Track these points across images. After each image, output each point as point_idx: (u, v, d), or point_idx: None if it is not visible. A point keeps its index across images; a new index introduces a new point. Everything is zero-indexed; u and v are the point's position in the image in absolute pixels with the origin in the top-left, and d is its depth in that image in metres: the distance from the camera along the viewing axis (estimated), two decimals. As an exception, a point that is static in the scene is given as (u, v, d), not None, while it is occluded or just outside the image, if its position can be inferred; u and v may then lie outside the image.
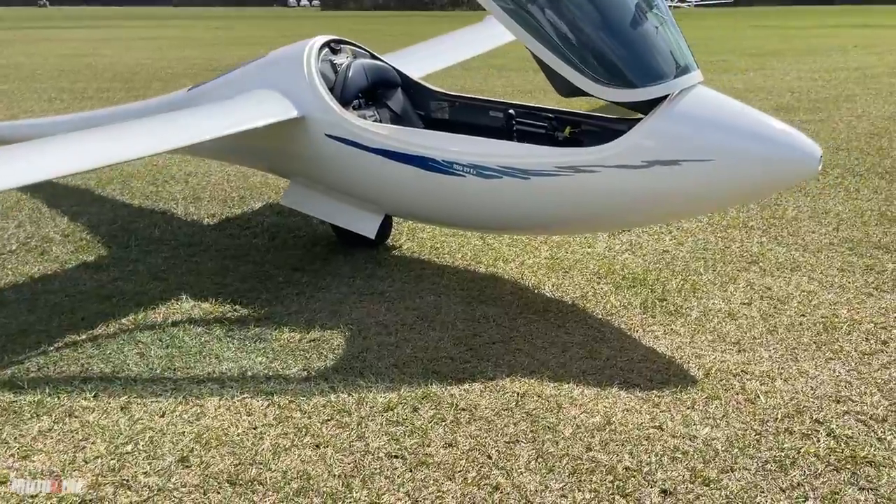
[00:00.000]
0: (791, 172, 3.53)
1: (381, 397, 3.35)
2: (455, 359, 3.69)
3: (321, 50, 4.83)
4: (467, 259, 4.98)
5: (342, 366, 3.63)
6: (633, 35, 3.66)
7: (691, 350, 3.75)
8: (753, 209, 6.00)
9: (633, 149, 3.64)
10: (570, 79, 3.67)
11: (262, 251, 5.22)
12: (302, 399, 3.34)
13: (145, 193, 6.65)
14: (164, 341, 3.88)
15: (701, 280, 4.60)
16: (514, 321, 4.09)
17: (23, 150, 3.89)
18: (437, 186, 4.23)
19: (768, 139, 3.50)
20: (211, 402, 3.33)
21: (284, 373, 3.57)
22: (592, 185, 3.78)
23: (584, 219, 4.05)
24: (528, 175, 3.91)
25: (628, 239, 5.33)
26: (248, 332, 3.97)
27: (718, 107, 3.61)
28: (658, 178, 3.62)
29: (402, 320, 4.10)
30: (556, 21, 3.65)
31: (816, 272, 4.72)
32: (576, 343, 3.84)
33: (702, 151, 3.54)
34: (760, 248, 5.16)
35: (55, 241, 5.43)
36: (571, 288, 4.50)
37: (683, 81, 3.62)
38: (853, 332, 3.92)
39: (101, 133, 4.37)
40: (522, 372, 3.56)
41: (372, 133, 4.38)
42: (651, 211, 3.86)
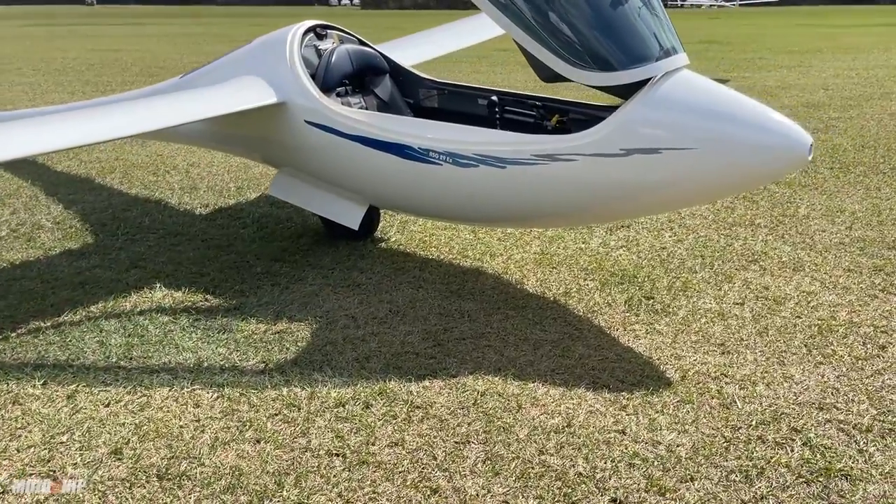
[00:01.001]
0: (779, 162, 3.29)
1: (335, 392, 3.20)
2: (420, 354, 3.52)
3: (305, 35, 4.71)
4: (454, 252, 4.81)
5: (302, 359, 3.49)
6: (611, 15, 3.45)
7: (671, 351, 3.54)
8: (763, 206, 5.73)
9: (610, 136, 3.44)
10: (545, 61, 3.48)
11: (248, 241, 5.11)
12: (253, 392, 3.21)
13: (144, 183, 6.60)
14: (127, 330, 3.78)
15: (695, 278, 4.37)
16: (490, 317, 3.91)
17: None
18: (415, 175, 4.07)
19: (754, 126, 3.27)
20: (159, 393, 3.21)
21: (241, 365, 3.45)
22: (570, 175, 3.58)
23: (562, 210, 3.85)
24: (504, 163, 3.73)
25: (626, 235, 5.11)
26: (214, 323, 3.85)
27: (702, 92, 3.39)
28: (637, 167, 3.42)
29: (374, 314, 3.95)
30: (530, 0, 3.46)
31: (820, 272, 4.45)
32: (549, 341, 3.65)
33: (683, 139, 3.32)
34: (764, 246, 4.90)
35: (45, 229, 5.39)
36: (556, 284, 4.31)
37: (665, 65, 3.40)
38: (850, 335, 3.67)
39: (76, 114, 4.35)
40: (488, 369, 3.38)
41: (349, 119, 4.24)
42: (631, 202, 3.64)
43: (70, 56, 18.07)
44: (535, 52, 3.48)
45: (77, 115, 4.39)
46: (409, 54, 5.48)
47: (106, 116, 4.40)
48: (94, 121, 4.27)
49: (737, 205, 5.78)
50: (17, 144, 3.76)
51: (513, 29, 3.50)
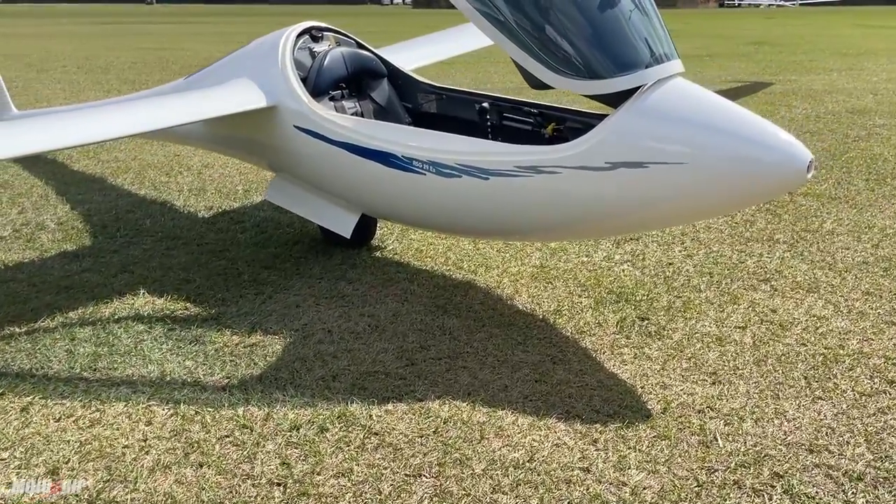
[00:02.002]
0: (775, 179, 3.03)
1: (293, 414, 3.05)
2: (390, 374, 3.35)
3: (299, 37, 4.58)
4: (449, 264, 4.62)
5: (267, 375, 3.36)
6: (597, 20, 3.22)
7: (658, 379, 3.30)
8: (786, 220, 5.41)
9: (595, 148, 3.22)
10: (528, 69, 3.28)
11: (242, 247, 5.01)
12: (209, 411, 3.08)
13: (155, 184, 6.57)
14: (99, 338, 3.69)
15: (697, 298, 4.11)
16: (472, 335, 3.72)
17: None
18: (399, 184, 3.90)
19: (749, 140, 3.01)
20: (114, 409, 3.11)
21: (204, 380, 3.33)
22: (553, 188, 3.37)
23: (546, 224, 3.64)
24: (487, 175, 3.53)
25: (633, 248, 4.86)
26: (189, 333, 3.74)
27: (693, 102, 3.14)
28: (623, 182, 3.19)
29: (352, 328, 3.80)
30: (511, 2, 3.25)
31: (836, 294, 4.14)
32: (529, 363, 3.44)
33: (672, 153, 3.08)
34: (780, 264, 4.60)
35: (47, 229, 5.38)
36: (548, 300, 4.09)
37: (656, 72, 3.16)
38: (857, 367, 3.38)
39: (67, 116, 4.34)
40: (457, 393, 3.19)
41: (336, 125, 4.10)
42: (617, 219, 3.41)
43: (115, 55, 18.39)
44: (519, 59, 3.28)
45: (68, 116, 4.37)
46: (413, 57, 5.32)
47: (96, 119, 4.35)
48: (84, 123, 4.24)
49: (757, 218, 5.47)
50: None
51: (495, 34, 3.30)
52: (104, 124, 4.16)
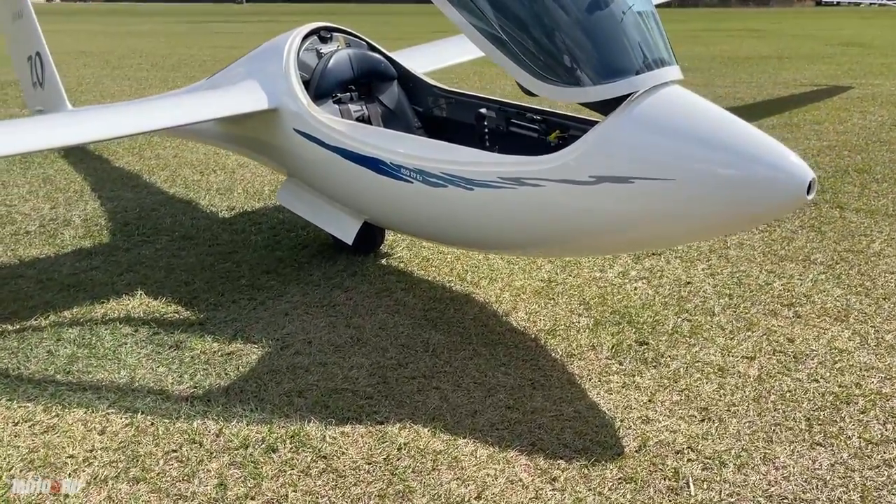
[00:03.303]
0: (771, 200, 2.74)
1: (247, 430, 2.94)
2: (358, 393, 3.20)
3: (307, 38, 4.48)
4: (453, 275, 4.44)
5: (234, 387, 3.26)
6: (583, 22, 2.97)
7: (642, 412, 3.04)
8: (830, 237, 4.99)
9: (579, 161, 2.98)
10: (510, 73, 3.07)
11: (251, 249, 4.95)
12: (165, 422, 3.00)
13: (187, 182, 6.61)
14: (83, 340, 3.68)
15: (709, 323, 3.80)
16: (455, 353, 3.53)
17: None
18: (388, 192, 3.75)
19: (741, 156, 2.73)
20: (73, 415, 3.06)
21: (171, 388, 3.25)
22: (537, 202, 3.15)
23: (531, 240, 3.42)
24: (471, 185, 3.34)
25: (652, 265, 4.56)
26: (171, 338, 3.69)
27: (685, 113, 2.86)
28: (607, 197, 2.95)
29: (334, 340, 3.67)
30: (492, 2, 3.04)
31: (867, 325, 3.77)
32: (507, 387, 3.23)
33: (659, 168, 2.82)
34: (811, 287, 4.22)
35: (72, 225, 5.45)
36: (545, 318, 3.86)
37: (648, 79, 2.90)
38: (871, 409, 3.03)
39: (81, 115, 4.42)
40: (422, 417, 3.02)
41: (331, 130, 3.97)
42: (603, 237, 3.17)
43: (190, 53, 18.85)
44: (500, 62, 3.08)
45: (83, 115, 4.44)
46: (432, 60, 5.16)
47: (105, 117, 4.43)
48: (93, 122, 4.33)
49: (797, 234, 5.07)
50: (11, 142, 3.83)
51: (474, 35, 3.10)
52: (109, 125, 4.21)
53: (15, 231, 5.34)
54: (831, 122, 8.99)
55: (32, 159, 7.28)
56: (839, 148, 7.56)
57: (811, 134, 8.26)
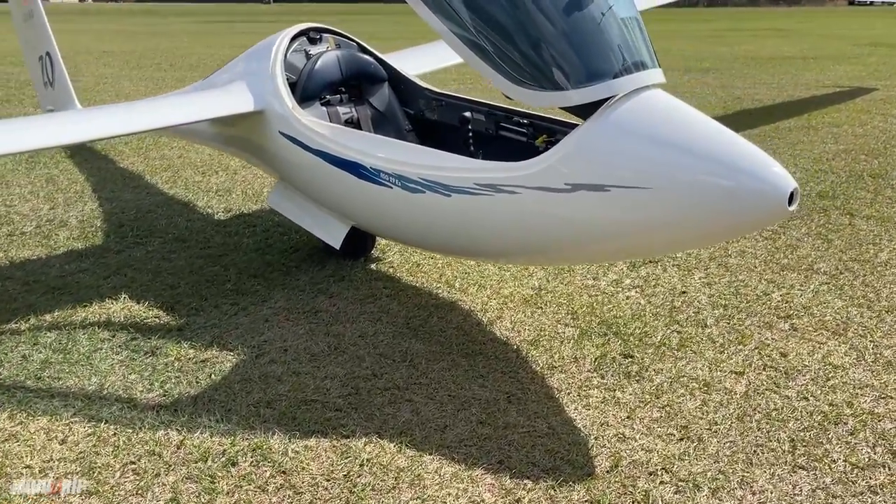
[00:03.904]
0: (751, 210, 2.60)
1: (209, 442, 2.86)
2: (328, 404, 3.12)
3: (295, 39, 4.41)
4: (441, 281, 4.34)
5: (204, 396, 3.19)
6: (558, 23, 2.85)
7: (618, 429, 2.91)
8: (836, 245, 4.82)
9: (555, 168, 2.87)
10: (486, 76, 2.96)
11: (242, 252, 4.89)
12: (128, 432, 2.93)
13: (187, 183, 6.57)
14: (59, 344, 3.62)
15: (699, 335, 3.66)
16: (433, 363, 3.43)
17: None
18: (369, 196, 3.67)
19: (720, 164, 2.60)
20: (37, 423, 3.01)
21: (140, 396, 3.19)
22: (513, 209, 3.05)
23: (508, 249, 3.32)
24: (449, 191, 3.24)
25: (649, 272, 4.42)
26: (148, 344, 3.63)
27: (665, 119, 2.74)
28: (583, 206, 2.83)
29: (311, 349, 3.58)
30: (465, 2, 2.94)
31: (865, 339, 3.60)
32: (482, 400, 3.13)
33: (636, 176, 2.70)
34: (811, 298, 4.06)
35: (68, 226, 5.43)
36: (530, 328, 3.75)
37: (626, 83, 2.78)
38: (860, 431, 2.88)
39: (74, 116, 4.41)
40: (389, 431, 2.92)
41: (314, 133, 3.90)
42: (580, 246, 3.05)
43: (210, 52, 18.91)
44: (477, 66, 2.97)
45: (71, 116, 4.42)
46: (424, 62, 5.06)
47: (93, 118, 4.42)
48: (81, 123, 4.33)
49: (803, 242, 4.90)
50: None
51: (451, 39, 3.00)
52: (96, 126, 4.20)
53: (11, 231, 5.33)
54: (850, 124, 8.75)
55: (38, 159, 7.30)
56: (856, 152, 7.34)
57: (828, 137, 8.03)
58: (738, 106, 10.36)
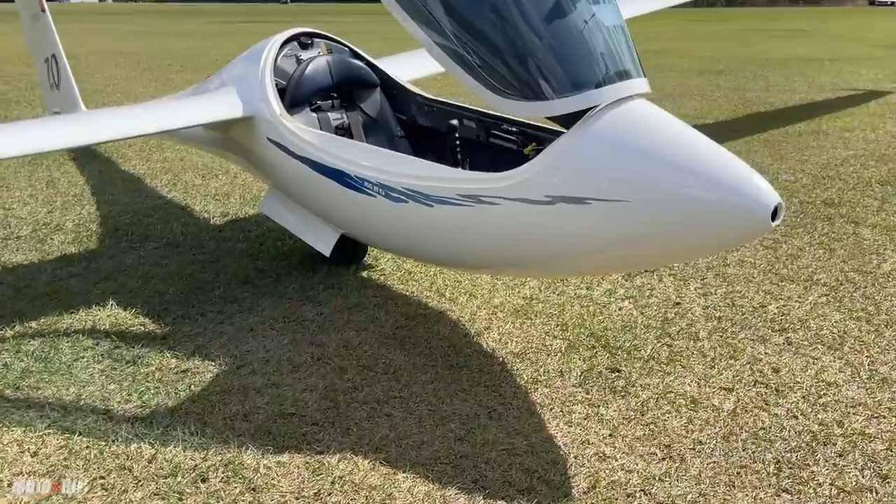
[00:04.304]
0: (732, 225, 2.52)
1: (181, 456, 2.81)
2: (305, 418, 3.06)
3: (286, 44, 4.36)
4: (432, 290, 4.27)
5: (181, 408, 3.14)
6: (540, 35, 2.76)
7: (599, 448, 2.84)
8: (839, 255, 4.71)
9: (535, 179, 2.80)
10: (467, 86, 2.90)
11: (234, 258, 4.85)
12: (101, 444, 2.89)
13: (187, 187, 6.55)
14: (42, 353, 3.59)
15: (690, 348, 3.58)
16: (416, 376, 3.37)
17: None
18: (353, 205, 3.62)
19: (702, 178, 2.51)
20: (10, 434, 2.97)
21: (117, 408, 3.15)
22: (494, 221, 2.98)
23: (491, 260, 3.25)
24: (431, 202, 3.18)
25: (644, 282, 4.34)
26: (130, 353, 3.59)
27: (645, 130, 2.66)
28: (563, 219, 2.76)
29: (294, 359, 3.53)
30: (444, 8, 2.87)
31: (861, 355, 3.50)
32: (462, 415, 3.06)
33: (616, 189, 2.63)
34: (809, 311, 3.96)
35: (63, 231, 5.42)
36: (517, 340, 3.68)
37: (608, 93, 2.70)
38: (850, 452, 2.79)
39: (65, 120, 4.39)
40: (366, 447, 2.86)
41: (300, 140, 3.85)
42: (560, 260, 2.98)
43: (222, 53, 18.90)
44: (457, 75, 2.91)
45: (66, 120, 4.41)
46: (420, 68, 5.00)
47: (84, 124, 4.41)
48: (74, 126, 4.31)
49: (804, 252, 4.79)
50: None
51: (428, 44, 2.94)
52: (88, 130, 4.19)
53: (6, 235, 5.32)
54: (862, 129, 8.60)
55: (41, 161, 7.32)
56: (865, 157, 7.20)
57: (838, 142, 7.89)
58: (748, 109, 10.22)
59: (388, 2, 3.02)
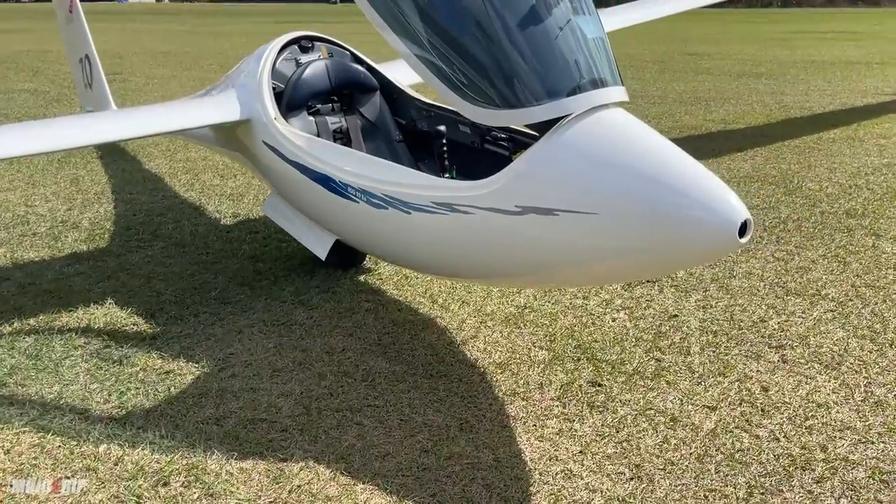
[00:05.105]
0: (700, 242, 2.42)
1: (147, 459, 2.83)
2: (275, 424, 3.05)
3: (286, 48, 4.37)
4: (425, 296, 4.23)
5: (157, 410, 3.16)
6: (511, 41, 2.69)
7: (566, 465, 2.77)
8: (853, 268, 4.54)
9: (506, 189, 2.74)
10: (440, 93, 2.85)
11: (239, 258, 4.88)
12: (72, 444, 2.92)
13: (204, 186, 6.63)
14: (34, 350, 3.65)
15: (679, 363, 3.47)
16: (394, 384, 3.33)
17: None
18: (339, 210, 3.61)
19: (669, 192, 2.43)
20: (-13, 431, 3.03)
21: (95, 407, 3.18)
22: (467, 230, 2.93)
23: (466, 270, 3.21)
24: (409, 209, 3.14)
25: (643, 293, 4.23)
26: (119, 352, 3.63)
27: (615, 141, 2.57)
28: (532, 230, 2.70)
29: (276, 363, 3.53)
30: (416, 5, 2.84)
31: (859, 375, 3.36)
32: (433, 427, 3.02)
33: (583, 201, 2.56)
34: (811, 328, 3.82)
35: (79, 228, 5.52)
36: (502, 350, 3.62)
37: (578, 102, 2.63)
38: (829, 479, 2.67)
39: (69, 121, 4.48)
40: (330, 456, 2.84)
41: (290, 143, 3.85)
42: (531, 272, 2.91)
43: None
44: (428, 80, 2.87)
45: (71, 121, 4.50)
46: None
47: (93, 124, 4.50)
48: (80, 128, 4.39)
49: (817, 264, 4.63)
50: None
51: (404, 52, 2.91)
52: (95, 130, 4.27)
53: (24, 232, 5.44)
54: None
55: (69, 159, 7.49)
56: (899, 166, 6.94)
57: (873, 149, 7.63)
58: (783, 114, 9.95)
59: (368, 13, 3.00)
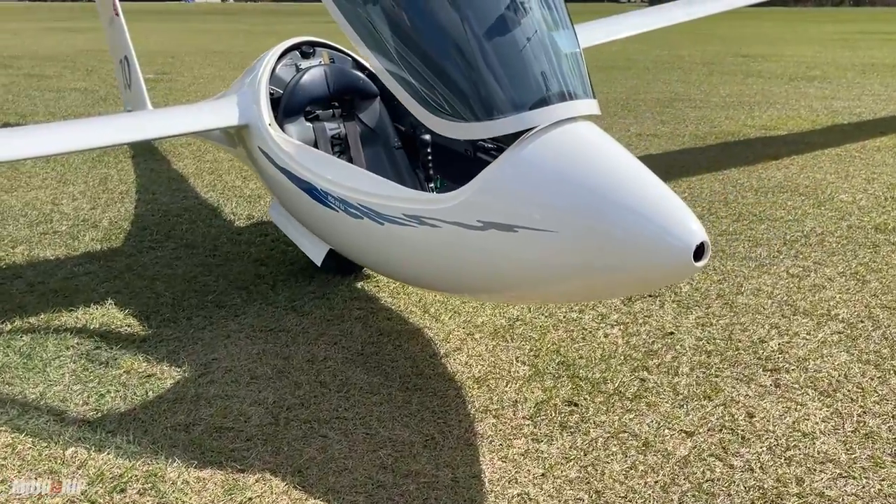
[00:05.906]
0: (653, 264, 2.31)
1: (109, 465, 2.85)
2: (240, 434, 3.04)
3: (286, 53, 4.38)
4: (418, 305, 4.19)
5: (130, 414, 3.19)
6: (474, 51, 2.63)
7: (524, 489, 2.69)
8: (872, 286, 4.32)
9: (469, 203, 2.67)
10: (404, 103, 2.80)
11: (243, 261, 4.92)
12: (41, 446, 2.96)
13: (226, 187, 6.70)
14: (27, 349, 3.72)
15: (663, 384, 3.35)
16: (368, 396, 3.30)
17: None
18: (323, 218, 3.59)
19: (626, 211, 2.33)
20: (-35, 430, 3.10)
21: (72, 409, 3.23)
22: (434, 243, 2.88)
23: (436, 283, 3.15)
24: (382, 220, 3.10)
25: (642, 308, 4.11)
26: (107, 354, 3.68)
27: (576, 157, 2.48)
28: (493, 246, 2.63)
29: (255, 371, 3.53)
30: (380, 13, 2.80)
31: (855, 404, 3.18)
32: (398, 442, 2.97)
33: (542, 218, 2.48)
34: (813, 350, 3.64)
35: (98, 227, 5.63)
36: (483, 364, 3.54)
37: (543, 115, 2.55)
38: (800, 516, 2.53)
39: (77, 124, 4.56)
40: (288, 469, 2.81)
41: (279, 150, 3.85)
42: (494, 288, 2.84)
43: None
44: (393, 88, 2.82)
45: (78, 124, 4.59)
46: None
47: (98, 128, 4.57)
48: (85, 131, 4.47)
49: (833, 282, 4.42)
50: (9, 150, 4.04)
51: (372, 60, 2.87)
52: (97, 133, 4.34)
53: (45, 231, 5.58)
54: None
55: (102, 158, 7.67)
56: (943, 178, 6.60)
57: (918, 159, 7.28)
58: (829, 120, 9.58)
59: (343, 26, 2.97)
